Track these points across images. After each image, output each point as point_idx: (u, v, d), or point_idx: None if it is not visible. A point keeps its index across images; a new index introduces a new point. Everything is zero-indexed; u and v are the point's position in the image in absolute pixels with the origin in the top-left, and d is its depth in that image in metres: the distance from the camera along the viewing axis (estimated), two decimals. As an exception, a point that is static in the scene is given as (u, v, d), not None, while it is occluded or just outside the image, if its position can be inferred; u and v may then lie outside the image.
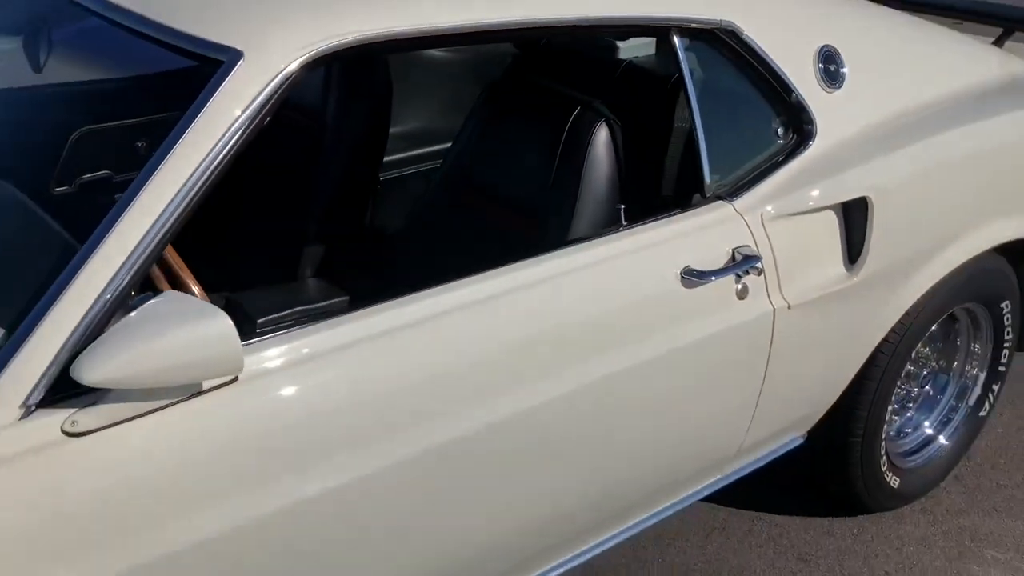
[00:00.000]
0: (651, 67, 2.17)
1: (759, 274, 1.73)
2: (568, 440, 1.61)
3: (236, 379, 1.23)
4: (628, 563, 2.23)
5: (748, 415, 1.88)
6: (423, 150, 2.83)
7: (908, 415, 2.47)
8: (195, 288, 1.29)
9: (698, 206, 1.75)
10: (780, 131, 1.87)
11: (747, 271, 1.72)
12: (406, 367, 1.40)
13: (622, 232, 1.68)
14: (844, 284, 1.88)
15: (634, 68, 2.19)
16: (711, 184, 1.77)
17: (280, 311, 1.62)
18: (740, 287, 1.73)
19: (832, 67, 1.92)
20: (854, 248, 1.89)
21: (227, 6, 1.47)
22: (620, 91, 2.06)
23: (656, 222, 1.70)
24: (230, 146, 1.28)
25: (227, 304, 1.56)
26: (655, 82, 2.05)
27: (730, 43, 1.79)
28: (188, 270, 1.37)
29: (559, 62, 2.30)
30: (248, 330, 1.28)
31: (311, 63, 1.35)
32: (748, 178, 1.81)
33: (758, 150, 1.85)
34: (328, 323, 1.35)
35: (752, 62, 1.82)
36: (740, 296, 1.73)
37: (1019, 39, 2.77)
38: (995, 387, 2.47)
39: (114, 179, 2.28)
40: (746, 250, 1.73)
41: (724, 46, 1.80)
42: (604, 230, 1.73)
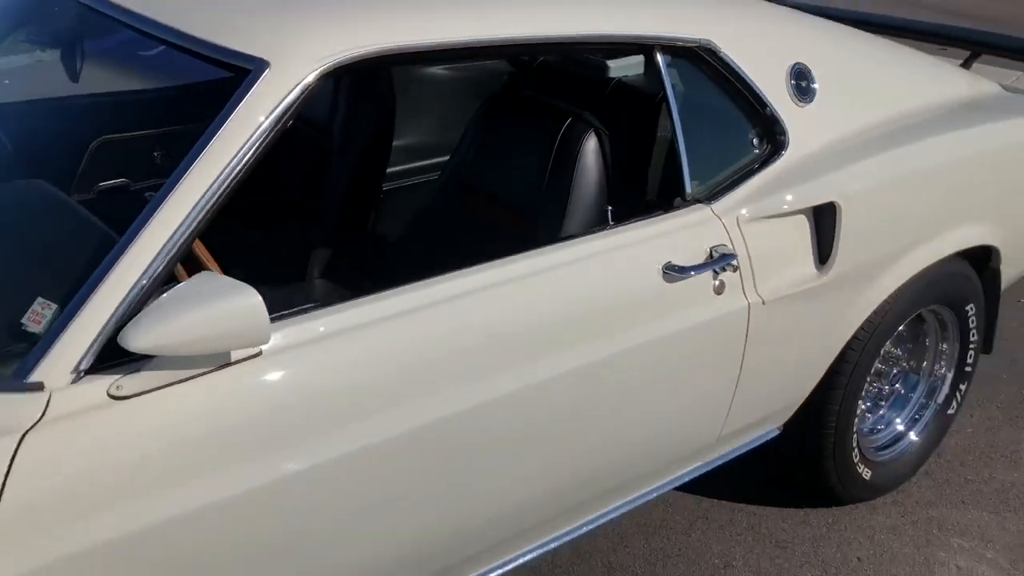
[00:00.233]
0: (639, 84, 2.32)
1: (735, 271, 1.87)
2: (557, 421, 1.72)
3: (260, 353, 1.37)
4: (615, 548, 2.35)
5: (726, 404, 2.01)
6: (422, 163, 2.94)
7: (880, 413, 2.60)
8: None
9: (679, 208, 1.88)
10: (755, 141, 2.00)
11: (724, 268, 1.85)
12: (408, 348, 1.51)
13: (609, 231, 1.81)
14: (815, 283, 2.02)
15: (623, 85, 2.34)
16: (691, 189, 1.90)
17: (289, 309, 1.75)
18: (718, 283, 1.86)
19: (803, 83, 2.06)
20: (824, 250, 2.02)
21: (251, 18, 1.58)
22: (610, 106, 2.20)
23: (640, 222, 1.83)
24: (254, 150, 1.40)
25: None
26: (642, 98, 2.19)
27: (709, 60, 1.93)
28: (214, 260, 1.52)
29: (553, 80, 2.45)
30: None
31: (328, 73, 1.47)
32: (725, 183, 1.94)
33: (735, 158, 1.98)
34: (339, 307, 1.47)
35: (729, 78, 1.95)
36: (717, 291, 1.86)
37: (985, 61, 2.95)
38: (962, 386, 2.61)
39: (131, 187, 2.39)
40: (723, 249, 1.86)
41: (703, 63, 1.93)
42: (593, 229, 1.86)
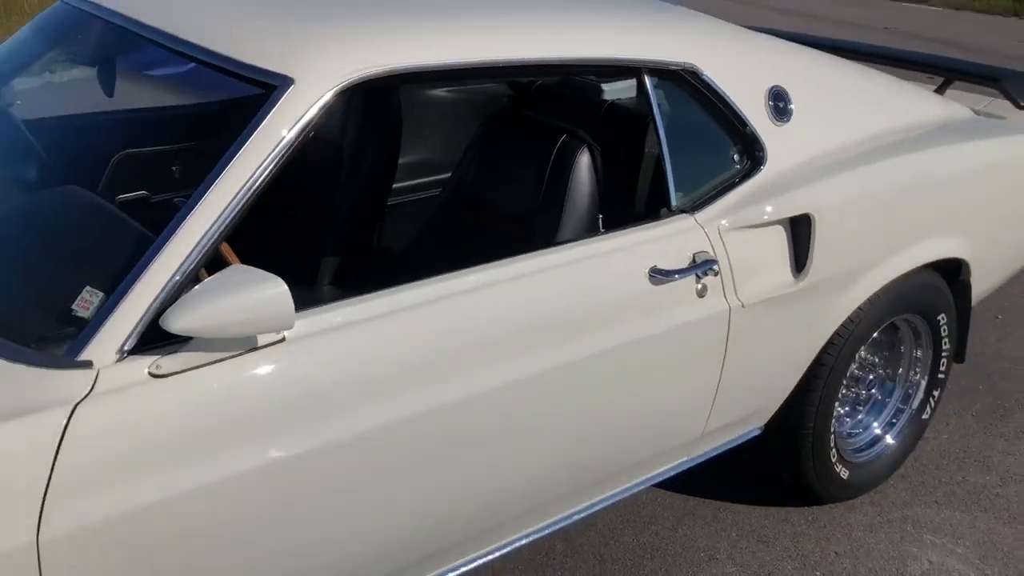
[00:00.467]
0: (630, 106, 2.49)
1: (716, 275, 2.02)
2: (550, 412, 1.85)
3: (284, 339, 1.52)
4: (606, 541, 2.49)
5: (709, 400, 2.15)
6: (424, 179, 3.11)
7: (859, 417, 2.75)
8: None
9: (665, 218, 2.04)
10: (736, 157, 2.16)
11: (706, 272, 2.00)
12: (416, 339, 1.65)
13: (600, 237, 1.96)
14: (791, 289, 2.17)
15: (615, 107, 2.50)
16: (676, 200, 2.05)
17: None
18: (700, 287, 2.01)
19: (781, 104, 2.22)
20: (800, 259, 2.17)
21: (275, 37, 1.72)
22: (603, 125, 2.37)
23: (629, 230, 1.98)
24: (279, 160, 1.55)
25: None
26: (632, 117, 2.36)
27: (692, 82, 2.08)
28: (239, 260, 1.66)
29: (551, 102, 2.61)
30: None
31: (347, 89, 1.62)
32: (708, 195, 2.09)
33: (717, 173, 2.13)
34: (354, 300, 1.62)
35: (711, 99, 2.11)
36: (700, 294, 2.01)
37: (959, 87, 3.12)
38: (935, 393, 2.75)
39: (150, 199, 2.54)
40: (705, 255, 2.01)
41: (687, 84, 2.09)
42: (585, 235, 2.02)
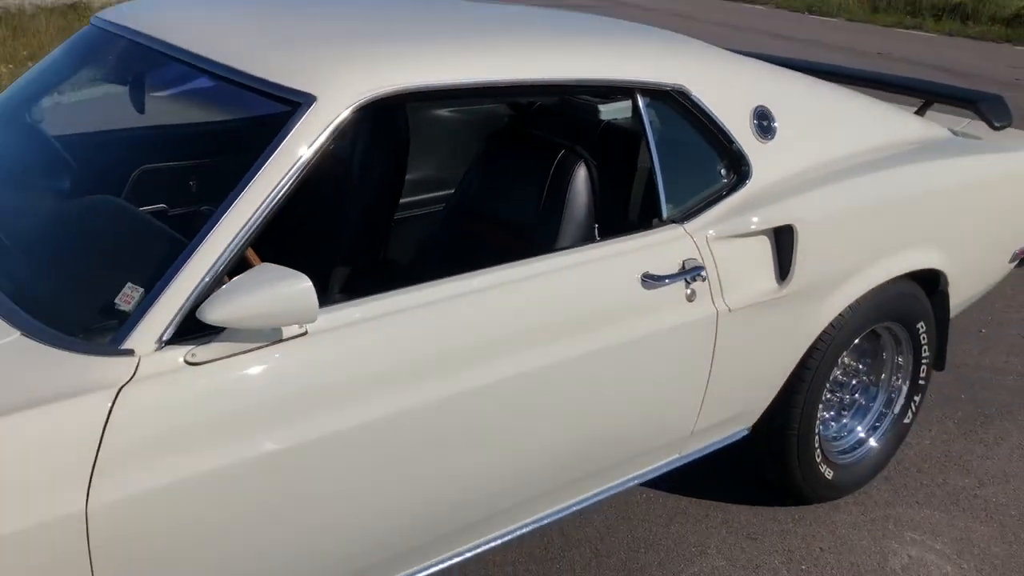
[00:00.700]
0: (625, 125, 2.65)
1: (704, 281, 2.17)
2: (548, 406, 1.98)
3: (306, 333, 1.66)
4: (602, 536, 2.62)
5: (698, 399, 2.29)
6: (429, 195, 3.25)
7: (844, 421, 2.89)
8: None
9: (656, 227, 2.18)
10: (723, 172, 2.30)
11: (694, 278, 2.15)
12: (424, 335, 1.78)
13: (596, 245, 2.10)
14: (775, 295, 2.31)
15: (611, 126, 2.66)
16: (667, 211, 2.20)
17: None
18: (689, 292, 2.16)
19: (765, 122, 2.37)
20: (784, 267, 2.31)
21: (298, 57, 1.86)
22: (599, 143, 2.52)
23: (623, 238, 2.12)
24: (300, 172, 1.69)
25: None
26: (626, 135, 2.52)
27: (682, 102, 2.23)
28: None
29: (550, 122, 2.76)
30: None
31: (364, 106, 1.76)
32: (697, 207, 2.24)
33: (705, 186, 2.28)
34: (369, 299, 1.76)
35: (700, 117, 2.26)
36: (689, 299, 2.16)
37: (938, 109, 3.28)
38: (916, 398, 2.89)
39: (169, 212, 2.68)
40: (693, 262, 2.16)
41: (677, 104, 2.24)
42: (582, 243, 2.17)
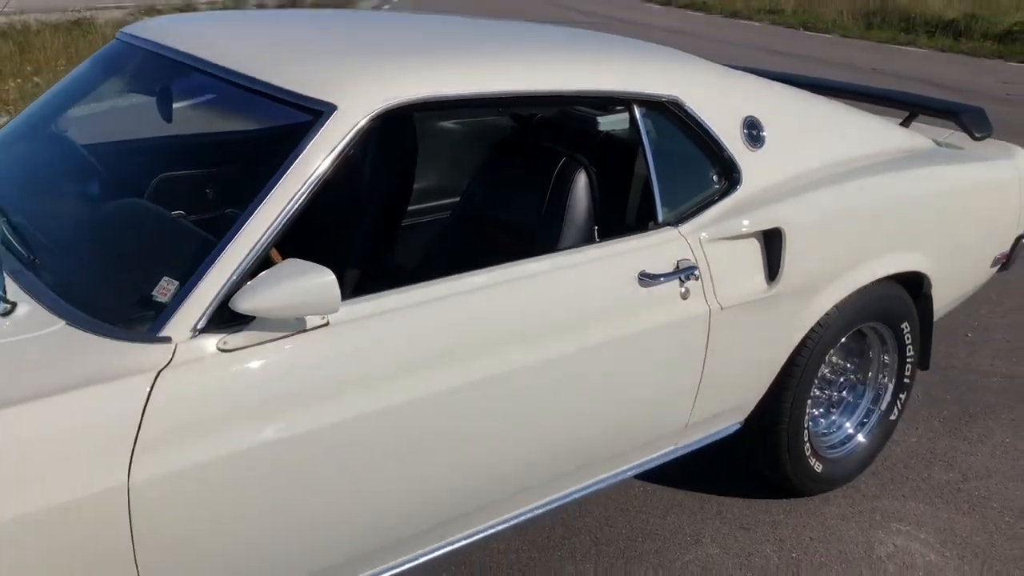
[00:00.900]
0: (622, 135, 2.79)
1: (697, 280, 2.30)
2: (551, 397, 2.10)
3: (328, 324, 1.79)
4: (601, 526, 2.74)
5: (693, 393, 2.42)
6: (435, 203, 3.40)
7: (833, 418, 3.02)
8: None
9: (652, 230, 2.32)
10: (715, 178, 2.44)
11: (688, 277, 2.28)
12: (434, 327, 1.91)
13: (595, 245, 2.24)
14: (765, 294, 2.44)
15: (609, 136, 2.81)
16: (662, 215, 2.33)
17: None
18: (683, 290, 2.29)
19: (754, 132, 2.51)
20: (773, 267, 2.44)
21: (319, 68, 2.00)
22: (599, 152, 2.66)
23: (621, 240, 2.26)
24: (323, 175, 1.82)
25: None
26: (624, 143, 2.66)
27: (676, 112, 2.37)
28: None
29: (552, 133, 2.90)
30: None
31: (380, 115, 1.89)
32: (690, 211, 2.37)
33: (698, 191, 2.41)
34: (385, 293, 1.89)
35: (693, 127, 2.40)
36: (683, 297, 2.29)
37: (923, 121, 3.43)
38: (902, 396, 3.02)
39: (186, 219, 2.81)
40: (687, 262, 2.29)
41: (672, 115, 2.38)
42: (582, 244, 2.30)
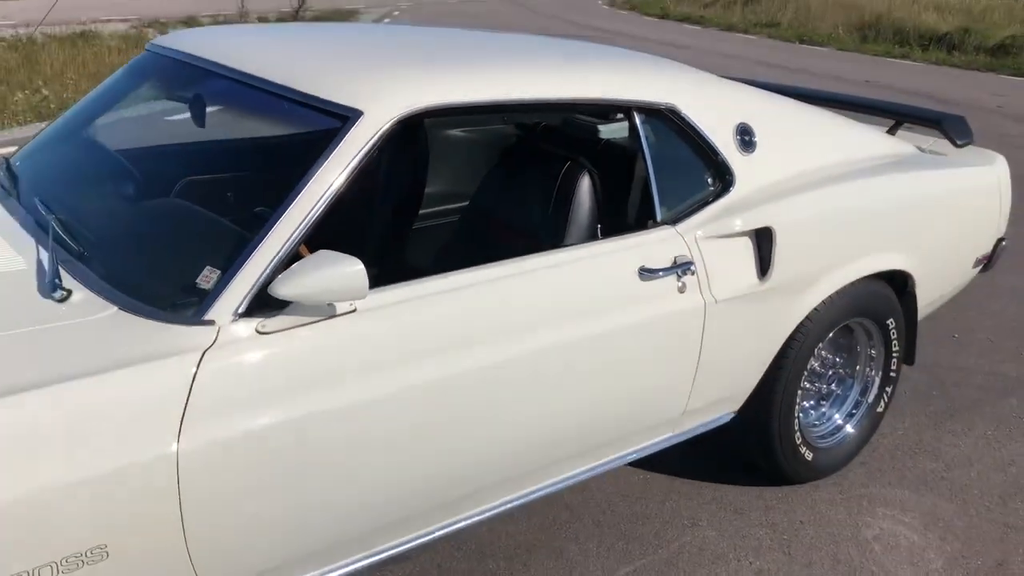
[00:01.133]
0: (622, 142, 2.96)
1: (693, 275, 2.47)
2: (556, 385, 2.25)
3: (355, 310, 1.95)
4: (603, 510, 2.90)
5: (689, 381, 2.58)
6: (443, 207, 3.55)
7: (823, 410, 3.19)
8: None
9: (651, 228, 2.48)
10: (709, 180, 2.61)
11: (684, 272, 2.45)
12: (449, 317, 2.06)
13: (598, 242, 2.40)
14: (757, 289, 2.61)
15: (610, 142, 2.98)
16: (661, 214, 2.50)
17: None
18: (680, 284, 2.46)
19: (747, 137, 2.69)
20: (764, 264, 2.61)
21: (344, 76, 2.15)
22: (600, 157, 2.83)
23: (622, 237, 2.42)
24: (349, 176, 1.97)
25: None
26: (624, 149, 2.83)
27: (673, 119, 2.54)
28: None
29: (556, 140, 3.07)
30: None
31: (401, 120, 2.05)
32: (687, 211, 2.54)
33: (694, 193, 2.58)
34: (407, 283, 2.04)
35: (689, 133, 2.57)
36: (680, 291, 2.45)
37: (908, 128, 3.61)
38: (888, 389, 3.19)
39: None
40: (684, 259, 2.46)
41: (669, 121, 2.55)
42: (586, 241, 2.47)
